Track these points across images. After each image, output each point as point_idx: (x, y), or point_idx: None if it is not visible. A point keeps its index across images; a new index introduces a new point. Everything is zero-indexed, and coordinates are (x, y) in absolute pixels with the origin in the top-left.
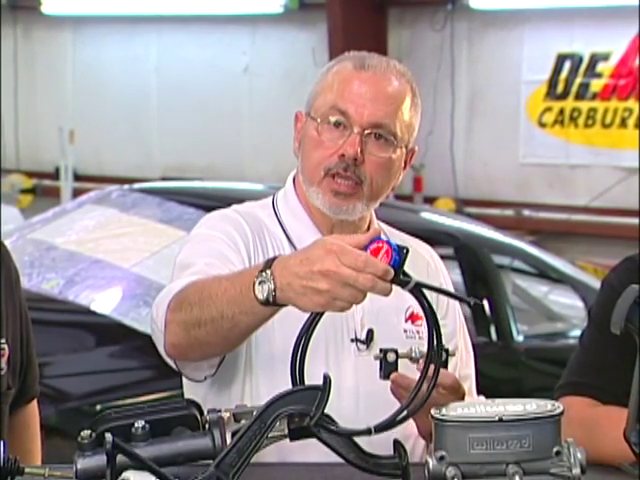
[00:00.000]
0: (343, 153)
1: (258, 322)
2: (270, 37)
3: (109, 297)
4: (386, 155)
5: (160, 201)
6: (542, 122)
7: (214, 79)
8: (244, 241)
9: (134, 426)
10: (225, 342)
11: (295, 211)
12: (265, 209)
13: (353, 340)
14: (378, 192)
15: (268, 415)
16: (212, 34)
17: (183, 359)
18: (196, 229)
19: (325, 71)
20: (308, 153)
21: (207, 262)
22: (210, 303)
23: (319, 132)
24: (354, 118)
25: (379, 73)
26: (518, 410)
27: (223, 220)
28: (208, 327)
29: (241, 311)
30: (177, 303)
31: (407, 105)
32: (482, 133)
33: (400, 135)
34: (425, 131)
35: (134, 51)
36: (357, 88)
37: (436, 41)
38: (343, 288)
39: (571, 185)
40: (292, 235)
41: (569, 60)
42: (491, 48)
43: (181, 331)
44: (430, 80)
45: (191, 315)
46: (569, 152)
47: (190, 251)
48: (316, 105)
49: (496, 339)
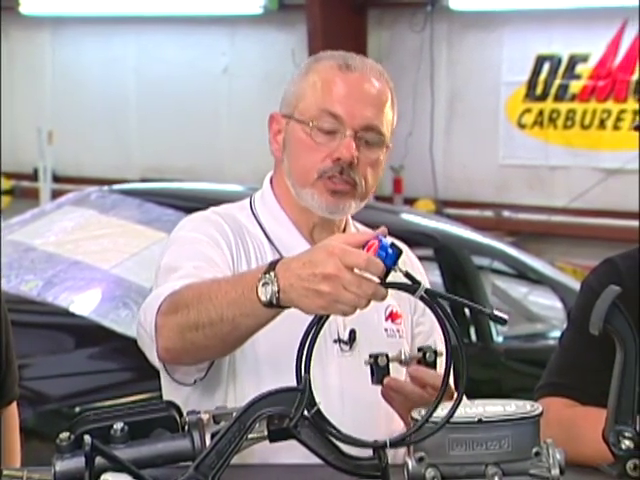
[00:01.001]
0: (339, 157)
1: (259, 325)
2: (250, 38)
3: (88, 299)
4: (376, 155)
5: (139, 202)
6: (521, 123)
7: (193, 80)
8: (227, 243)
9: (113, 428)
10: (223, 345)
11: (274, 212)
12: (243, 211)
13: (336, 341)
14: (369, 192)
15: (248, 416)
16: (191, 35)
17: (176, 363)
18: (177, 232)
19: (304, 71)
20: (297, 156)
21: (195, 265)
22: (209, 305)
23: (310, 136)
24: (346, 121)
25: (364, 74)
26: (497, 411)
27: (204, 222)
28: (206, 330)
29: (242, 313)
30: (171, 306)
31: (389, 105)
32: (462, 134)
33: (386, 135)
34: (405, 132)
35: (113, 52)
36: (345, 90)
37: (416, 42)
38: (345, 292)
39: (550, 186)
40: (272, 236)
41: (548, 61)
42: (470, 49)
43: (176, 335)
44: (410, 81)
45: (188, 318)
46: (548, 153)
47: (175, 254)
48: (301, 107)
49: (476, 340)
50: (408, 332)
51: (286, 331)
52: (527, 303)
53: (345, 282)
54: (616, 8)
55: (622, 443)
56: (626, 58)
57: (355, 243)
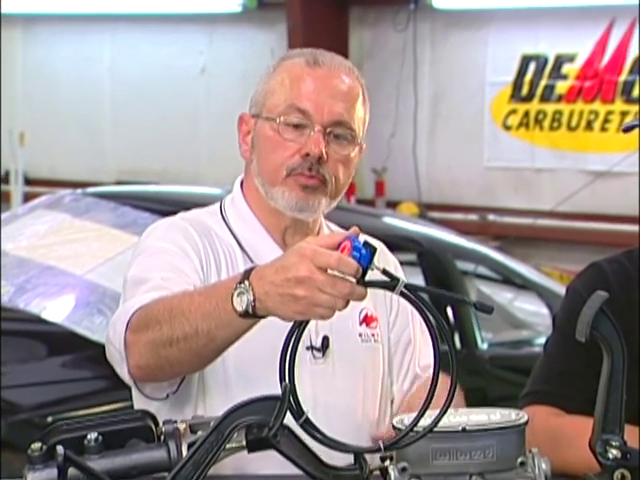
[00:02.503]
0: (308, 152)
1: (235, 336)
2: (228, 37)
3: (61, 305)
4: (347, 152)
5: (114, 206)
6: (507, 125)
7: (170, 80)
8: (195, 250)
9: (87, 438)
10: (198, 359)
11: (244, 216)
12: (213, 216)
13: (309, 348)
14: (340, 190)
15: (225, 426)
16: (168, 34)
17: (149, 380)
18: (143, 241)
19: (272, 70)
20: (266, 154)
21: (163, 277)
22: (183, 320)
23: (278, 132)
24: (314, 116)
25: (333, 69)
26: (482, 420)
27: (171, 229)
28: (181, 345)
29: (217, 325)
30: (141, 322)
31: (360, 101)
32: (446, 136)
33: (357, 131)
34: (387, 134)
35: (87, 51)
36: (313, 85)
37: (398, 42)
38: (320, 293)
39: (536, 189)
40: (242, 241)
41: (534, 61)
42: (455, 49)
43: (148, 352)
44: (392, 82)
45: (161, 334)
46: (534, 155)
47: (142, 265)
48: (269, 105)
49: (460, 347)
50: (384, 336)
51: (255, 344)
52: (512, 309)
53: (319, 284)
54: (603, 7)
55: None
56: (613, 58)
57: (327, 245)
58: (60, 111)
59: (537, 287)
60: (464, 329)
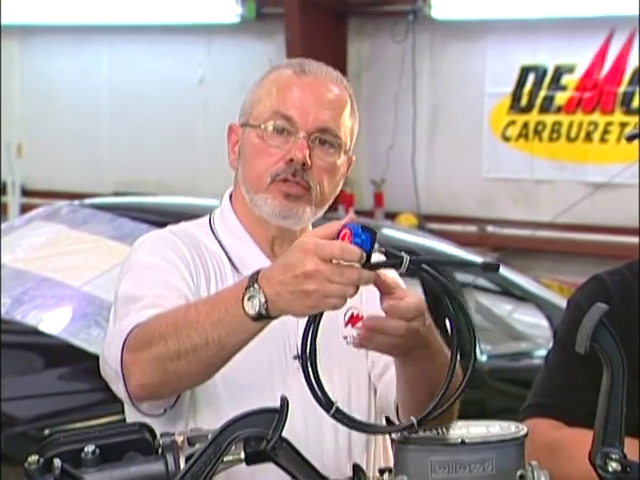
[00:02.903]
0: (292, 158)
1: (245, 341)
2: (226, 48)
3: (58, 317)
4: (332, 160)
5: (112, 217)
6: (506, 136)
7: (168, 91)
8: (184, 263)
9: (84, 451)
10: (208, 369)
11: (232, 227)
12: (202, 227)
13: (296, 357)
14: (325, 198)
15: (223, 438)
16: (166, 45)
17: (152, 398)
18: (132, 256)
19: (260, 80)
20: (251, 161)
21: (156, 294)
22: (191, 331)
23: (263, 139)
24: (299, 123)
25: (320, 78)
26: (481, 433)
27: (159, 243)
28: (190, 357)
29: (228, 332)
30: (141, 341)
31: (348, 111)
32: (444, 147)
33: (344, 140)
34: (386, 145)
35: (85, 62)
36: (299, 93)
37: (397, 52)
38: (330, 284)
39: (536, 200)
40: (230, 252)
41: (533, 72)
42: (453, 60)
43: (153, 369)
44: (391, 93)
45: (167, 348)
46: (533, 167)
47: (132, 282)
48: (255, 113)
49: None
50: None
51: (243, 357)
52: (512, 321)
53: (327, 275)
54: (602, 18)
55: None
56: (613, 69)
57: (327, 236)
58: (58, 122)
59: (536, 299)
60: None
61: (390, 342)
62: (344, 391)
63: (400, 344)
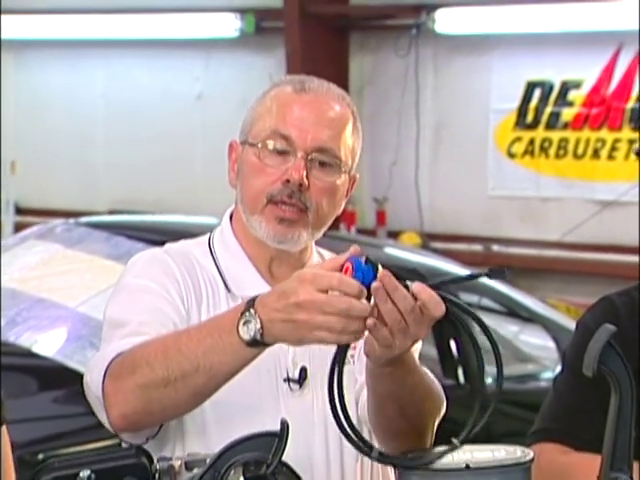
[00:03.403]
0: (288, 179)
1: (237, 369)
2: (225, 63)
3: (53, 338)
4: (331, 180)
5: (108, 236)
6: (511, 152)
7: (165, 107)
8: (173, 284)
9: (79, 476)
10: (194, 399)
11: (230, 247)
12: (200, 246)
13: (285, 380)
14: (323, 220)
15: (222, 463)
16: (163, 59)
17: (134, 428)
18: (123, 277)
19: (261, 96)
20: (248, 181)
21: (140, 320)
22: (181, 358)
23: (260, 158)
24: (297, 143)
25: (320, 96)
26: (486, 457)
27: (150, 264)
28: (178, 384)
29: (221, 359)
30: (125, 369)
31: (350, 129)
32: (449, 164)
33: (344, 159)
34: (388, 162)
35: (79, 77)
36: (299, 111)
37: (400, 67)
38: (322, 315)
39: (542, 219)
40: (225, 272)
41: (539, 88)
42: (458, 75)
43: (137, 397)
44: (394, 108)
45: (153, 375)
46: (540, 184)
47: (119, 306)
48: (254, 131)
49: (464, 382)
50: (357, 350)
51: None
52: (518, 343)
53: (320, 305)
54: (610, 32)
55: None
56: (621, 84)
57: (330, 269)
58: (52, 139)
59: (543, 320)
60: (467, 363)
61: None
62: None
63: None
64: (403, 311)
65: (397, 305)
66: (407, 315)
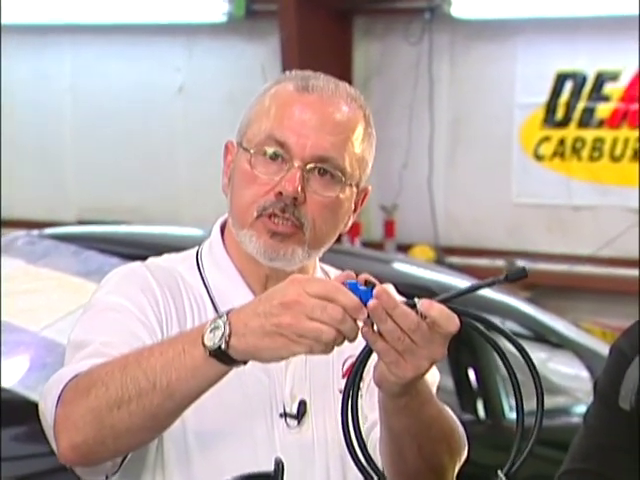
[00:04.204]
0: (280, 191)
1: (196, 388)
2: (210, 51)
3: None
4: (332, 194)
5: (77, 249)
6: (539, 154)
7: (142, 102)
8: (151, 304)
9: None
10: (151, 424)
11: (220, 263)
12: (186, 261)
13: (282, 415)
14: (322, 239)
15: None
16: (139, 47)
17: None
18: (95, 293)
19: (262, 93)
20: (239, 190)
21: (104, 341)
22: (138, 373)
23: (252, 165)
24: (294, 150)
25: (326, 96)
26: None
27: (126, 280)
28: (132, 406)
29: (179, 375)
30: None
31: (359, 135)
32: (467, 167)
33: (349, 171)
34: (398, 164)
35: (43, 68)
36: (299, 114)
37: (412, 57)
38: (308, 322)
39: (574, 230)
40: (214, 291)
41: (571, 80)
42: (477, 65)
43: (88, 423)
44: (404, 103)
45: (107, 396)
46: (571, 190)
47: (86, 325)
48: (249, 134)
49: (484, 417)
50: (366, 382)
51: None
52: (546, 372)
53: (308, 309)
54: None
55: None
56: None
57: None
58: (13, 138)
59: (575, 346)
60: (489, 395)
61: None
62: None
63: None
64: (407, 330)
65: (399, 324)
66: (413, 334)
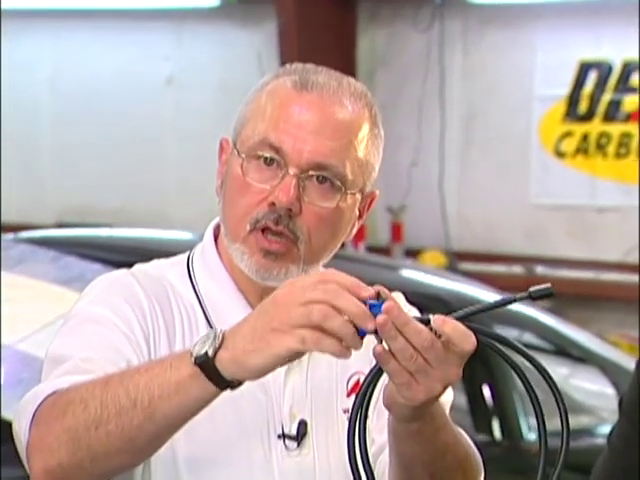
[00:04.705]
0: (273, 201)
1: (177, 409)
2: (202, 39)
3: None
4: (330, 205)
5: (55, 255)
6: (560, 151)
7: (127, 93)
8: (137, 315)
9: None
10: (130, 447)
11: (213, 270)
12: (176, 268)
13: (280, 436)
14: (318, 253)
15: None
16: (124, 34)
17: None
18: (77, 303)
19: (259, 88)
20: (231, 199)
21: (84, 357)
22: (119, 390)
23: (244, 171)
24: (290, 156)
25: (326, 95)
26: None
27: (110, 289)
28: (110, 425)
29: (162, 392)
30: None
31: (363, 138)
32: (482, 165)
33: (351, 178)
34: (406, 162)
35: (20, 56)
36: (297, 116)
37: (421, 45)
38: (300, 307)
39: (599, 234)
40: (206, 300)
41: (595, 70)
42: (493, 54)
43: (63, 445)
44: (413, 96)
45: (85, 415)
46: (595, 190)
47: (65, 338)
48: (244, 134)
49: (500, 438)
50: (374, 401)
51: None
52: (568, 389)
53: (299, 295)
54: None
55: None
56: None
57: None
58: None
59: (600, 360)
60: (505, 415)
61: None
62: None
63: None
64: (420, 348)
65: (411, 342)
66: (426, 353)
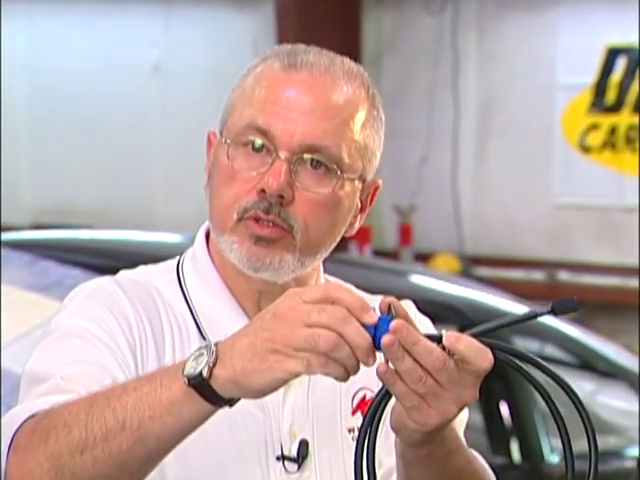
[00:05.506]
0: (263, 188)
1: (169, 431)
2: (191, 23)
3: None
4: (325, 190)
5: (32, 259)
6: (585, 145)
7: (110, 83)
8: (123, 326)
9: None
10: (119, 473)
11: (205, 276)
12: (165, 274)
13: (279, 458)
14: (316, 243)
15: None
16: (106, 18)
17: None
18: (57, 314)
19: (246, 73)
20: (217, 190)
21: (65, 375)
22: (106, 412)
23: (230, 159)
24: (280, 139)
25: (317, 73)
26: None
27: (92, 298)
28: (97, 450)
29: (153, 413)
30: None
31: (360, 119)
32: (499, 161)
33: (348, 162)
34: (416, 158)
35: None
36: (285, 96)
37: (432, 29)
38: (305, 329)
39: (627, 236)
40: (198, 309)
41: (623, 56)
42: (511, 39)
43: (45, 472)
44: (423, 85)
45: (69, 439)
46: (624, 189)
47: (44, 354)
48: (230, 122)
49: (520, 460)
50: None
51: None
52: (594, 406)
53: (305, 315)
54: None
55: None
56: None
57: None
58: None
59: (628, 375)
60: (525, 435)
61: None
62: None
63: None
64: (430, 369)
65: (420, 362)
66: (438, 374)
